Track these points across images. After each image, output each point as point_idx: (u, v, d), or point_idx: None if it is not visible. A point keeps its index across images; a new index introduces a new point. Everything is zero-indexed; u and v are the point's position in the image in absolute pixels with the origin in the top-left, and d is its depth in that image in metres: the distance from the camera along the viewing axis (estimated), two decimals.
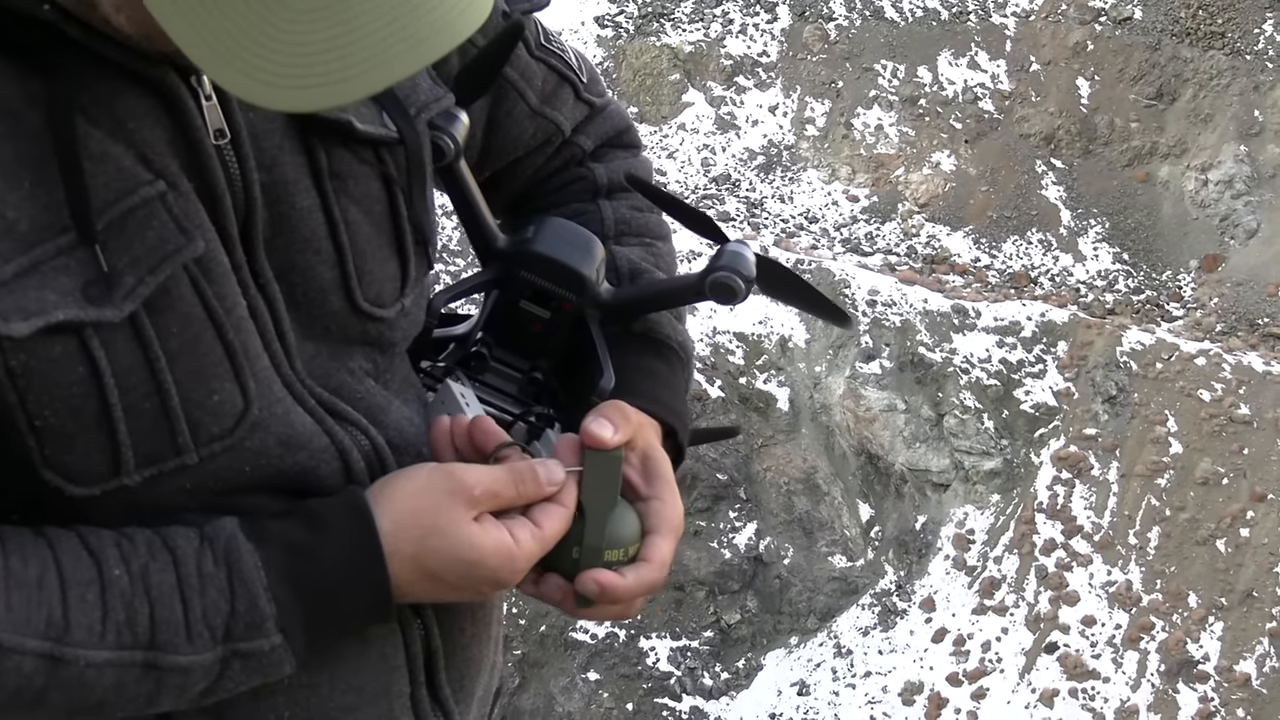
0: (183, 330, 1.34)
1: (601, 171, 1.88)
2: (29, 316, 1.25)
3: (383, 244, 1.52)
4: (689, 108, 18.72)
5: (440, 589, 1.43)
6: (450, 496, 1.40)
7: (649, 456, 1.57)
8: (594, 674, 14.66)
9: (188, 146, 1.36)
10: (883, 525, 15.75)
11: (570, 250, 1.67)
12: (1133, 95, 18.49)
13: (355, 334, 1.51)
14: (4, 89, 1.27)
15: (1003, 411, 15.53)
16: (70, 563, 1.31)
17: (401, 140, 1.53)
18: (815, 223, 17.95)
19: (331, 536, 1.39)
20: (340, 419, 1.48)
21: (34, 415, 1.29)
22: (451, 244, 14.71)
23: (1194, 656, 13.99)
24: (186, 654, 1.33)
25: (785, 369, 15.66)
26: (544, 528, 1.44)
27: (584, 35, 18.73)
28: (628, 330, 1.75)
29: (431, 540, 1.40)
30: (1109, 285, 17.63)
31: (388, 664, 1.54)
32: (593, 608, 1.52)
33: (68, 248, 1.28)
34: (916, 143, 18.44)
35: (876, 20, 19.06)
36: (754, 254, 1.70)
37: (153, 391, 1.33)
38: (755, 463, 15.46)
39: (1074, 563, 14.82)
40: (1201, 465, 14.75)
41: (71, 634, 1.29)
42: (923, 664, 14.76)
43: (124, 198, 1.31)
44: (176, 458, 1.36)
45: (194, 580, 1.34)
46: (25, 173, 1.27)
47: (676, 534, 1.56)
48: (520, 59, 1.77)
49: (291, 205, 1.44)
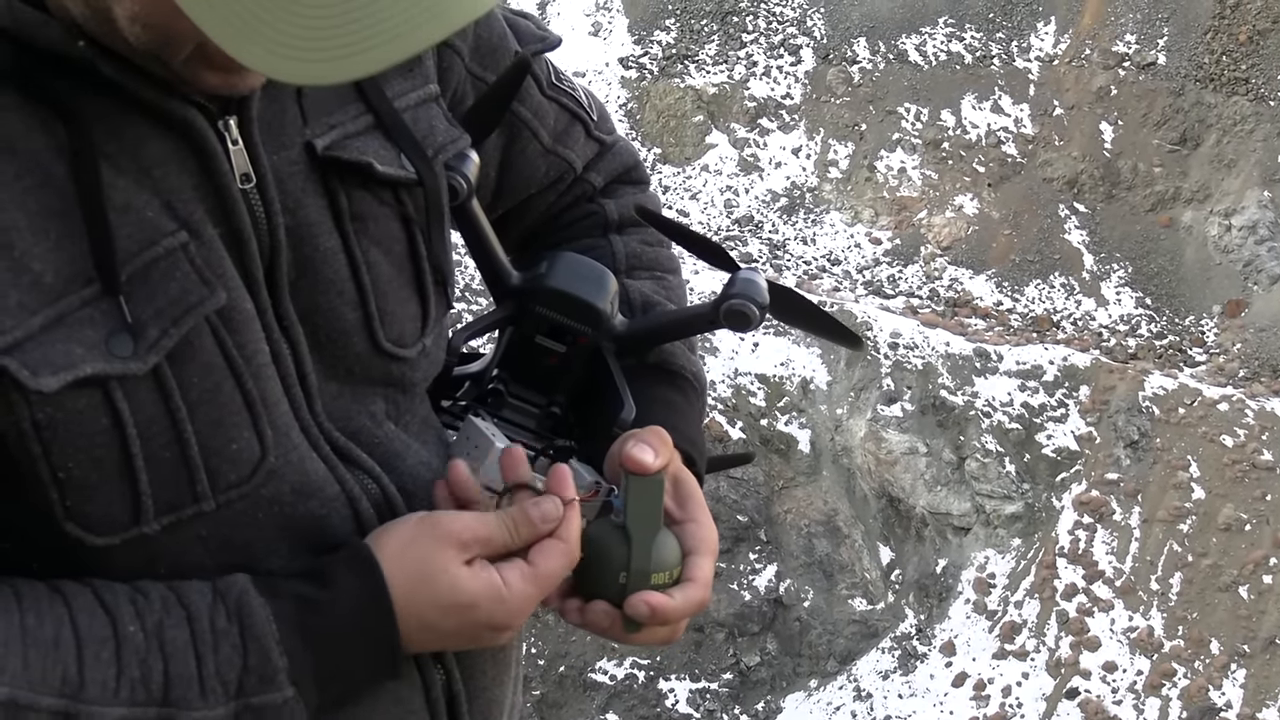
0: (203, 380, 1.35)
1: (612, 207, 1.89)
2: (57, 371, 1.26)
3: (403, 284, 1.53)
4: (712, 149, 18.79)
5: (438, 638, 1.44)
6: (437, 544, 1.41)
7: (680, 480, 1.58)
8: (613, 715, 14.61)
9: (214, 191, 1.37)
10: (903, 568, 15.69)
11: (584, 284, 1.68)
12: (1156, 140, 18.50)
13: (378, 375, 1.52)
14: (32, 141, 1.28)
15: (1024, 455, 15.49)
16: (85, 620, 1.31)
17: (420, 181, 1.54)
18: (838, 265, 17.97)
19: (340, 591, 1.39)
20: (353, 465, 1.49)
21: (57, 467, 1.30)
22: (475, 283, 14.74)
23: (1216, 704, 13.89)
24: (200, 710, 1.33)
25: (807, 410, 15.65)
26: (538, 566, 1.44)
27: (608, 76, 18.83)
28: (642, 362, 1.76)
29: (421, 590, 1.40)
30: (1131, 330, 17.59)
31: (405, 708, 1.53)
32: (641, 631, 1.52)
33: (92, 299, 1.28)
34: (939, 186, 18.46)
35: (900, 63, 19.11)
36: (766, 280, 1.70)
37: (173, 441, 1.34)
38: (776, 504, 15.43)
39: (1095, 608, 14.75)
40: (1224, 511, 14.68)
41: (86, 691, 1.29)
42: (943, 708, 14.68)
43: (147, 248, 1.31)
44: (194, 505, 1.37)
45: (208, 636, 1.34)
46: (52, 225, 1.27)
47: (714, 554, 1.57)
48: (533, 98, 1.79)
49: (315, 248, 1.45)
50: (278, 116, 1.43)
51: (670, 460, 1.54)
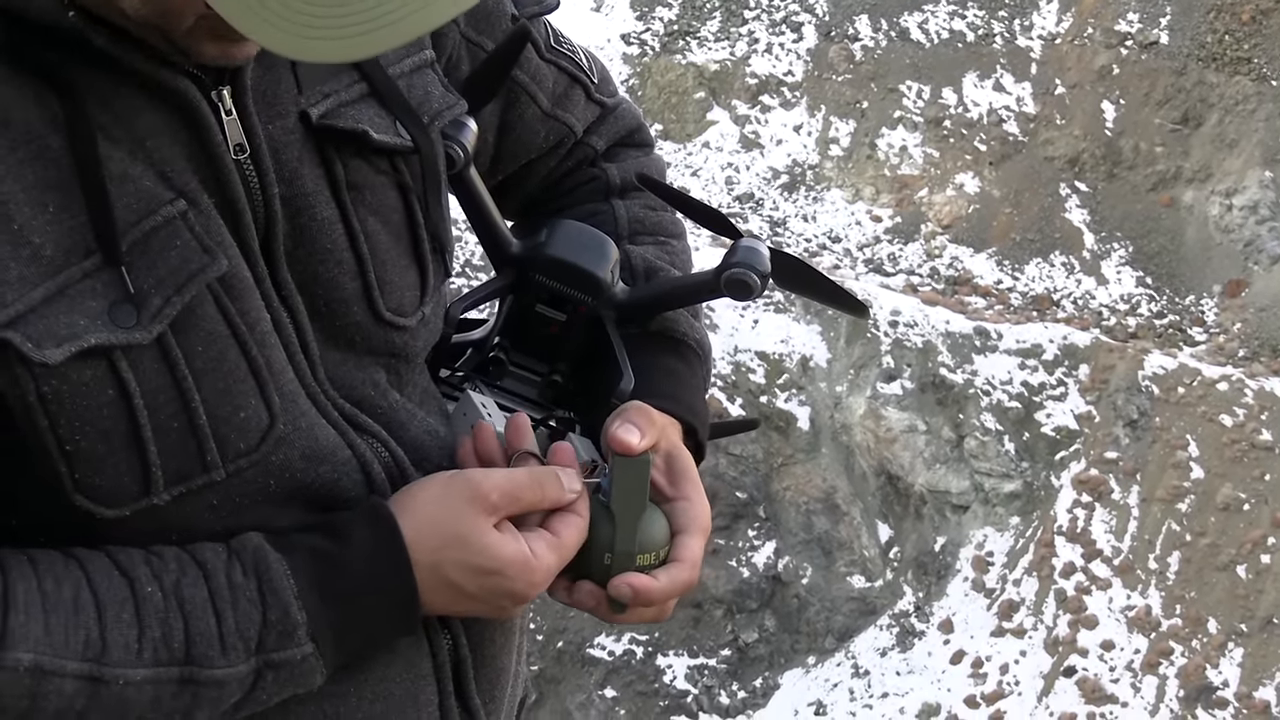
0: (208, 348, 1.35)
1: (614, 171, 1.87)
2: (61, 342, 1.25)
3: (401, 253, 1.53)
4: (713, 126, 18.76)
5: (459, 599, 1.43)
6: (468, 504, 1.40)
7: (673, 456, 1.57)
8: (611, 691, 14.65)
9: (208, 161, 1.36)
10: (902, 546, 15.72)
11: (584, 252, 1.67)
12: (1158, 119, 18.47)
13: (378, 344, 1.52)
14: (26, 112, 1.27)
15: (1023, 434, 15.50)
16: (103, 582, 1.31)
17: (416, 149, 1.54)
18: (838, 242, 17.96)
19: (356, 546, 1.39)
20: (362, 431, 1.48)
21: (65, 440, 1.29)
22: (475, 259, 14.74)
23: (1213, 682, 13.93)
24: (222, 667, 1.33)
25: (806, 388, 15.66)
26: (561, 536, 1.44)
27: (610, 52, 18.79)
28: (644, 329, 1.74)
29: (451, 548, 1.40)
30: (1131, 309, 17.59)
31: (414, 672, 1.53)
32: (627, 612, 1.52)
33: (93, 270, 1.28)
34: (940, 164, 18.44)
35: (902, 41, 19.07)
36: (768, 248, 1.69)
37: (180, 410, 1.33)
38: (775, 482, 15.45)
39: (1093, 586, 14.78)
40: (1223, 491, 14.70)
41: (110, 654, 1.29)
42: (940, 686, 14.72)
43: (146, 218, 1.31)
44: (204, 475, 1.36)
45: (225, 592, 1.34)
46: (50, 197, 1.27)
47: (705, 533, 1.56)
48: (531, 62, 1.76)
49: (312, 217, 1.44)
50: (272, 86, 1.43)
51: (657, 440, 1.53)
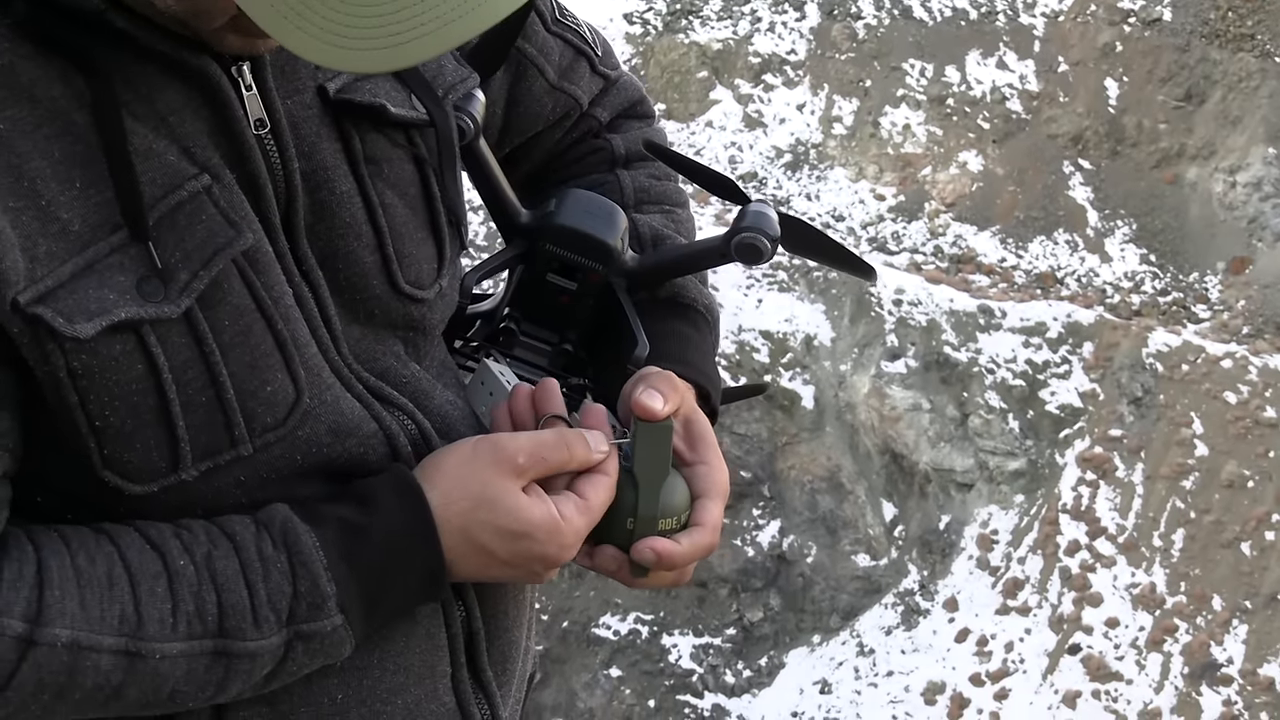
0: (234, 323, 1.36)
1: (619, 142, 1.89)
2: (91, 317, 1.26)
3: (419, 226, 1.54)
4: (716, 105, 18.72)
5: (490, 564, 1.44)
6: (496, 466, 1.41)
7: (691, 421, 1.58)
8: (616, 670, 14.67)
9: (229, 137, 1.37)
10: (906, 525, 15.73)
11: (594, 221, 1.68)
12: (1161, 96, 18.42)
13: (397, 317, 1.53)
14: (51, 89, 1.28)
15: (1028, 412, 15.50)
16: (135, 557, 1.32)
17: (432, 122, 1.55)
18: (842, 221, 17.94)
19: (383, 513, 1.40)
20: (387, 404, 1.50)
21: (94, 416, 1.30)
22: (478, 239, 14.73)
23: (1218, 659, 13.94)
24: (254, 639, 1.35)
25: (810, 367, 15.66)
26: (589, 499, 1.45)
27: (612, 32, 18.74)
28: (653, 296, 1.76)
29: (480, 511, 1.41)
30: (1135, 286, 17.57)
31: (433, 643, 1.55)
32: (649, 575, 1.54)
33: (120, 245, 1.29)
34: (944, 142, 18.40)
35: (905, 19, 19.02)
36: (777, 212, 1.71)
37: (208, 385, 1.34)
38: (779, 461, 15.45)
39: (1098, 564, 14.79)
40: (1227, 468, 14.70)
41: (145, 628, 1.30)
42: (945, 664, 14.74)
43: (171, 192, 1.32)
44: (232, 450, 1.37)
45: (256, 565, 1.35)
46: (76, 173, 1.28)
47: (725, 497, 1.58)
48: (538, 35, 1.78)
49: (331, 191, 1.46)
50: (290, 61, 1.44)
51: (679, 405, 1.54)
